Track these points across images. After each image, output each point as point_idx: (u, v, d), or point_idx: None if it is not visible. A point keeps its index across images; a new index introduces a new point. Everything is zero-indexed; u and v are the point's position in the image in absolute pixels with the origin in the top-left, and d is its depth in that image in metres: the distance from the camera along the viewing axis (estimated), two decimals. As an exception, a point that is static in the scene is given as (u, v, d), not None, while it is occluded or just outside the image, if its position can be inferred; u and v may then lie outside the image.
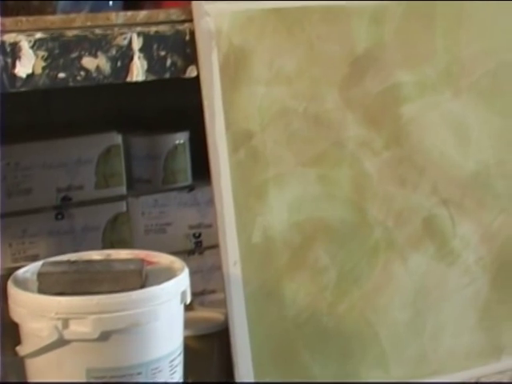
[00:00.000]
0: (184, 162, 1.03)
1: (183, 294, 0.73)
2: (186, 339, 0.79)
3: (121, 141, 0.99)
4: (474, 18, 0.88)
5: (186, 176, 1.03)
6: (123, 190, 0.99)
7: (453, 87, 0.88)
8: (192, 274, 0.77)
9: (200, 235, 1.02)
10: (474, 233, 0.89)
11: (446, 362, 0.88)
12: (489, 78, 0.89)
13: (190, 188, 1.02)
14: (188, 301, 0.74)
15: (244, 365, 0.81)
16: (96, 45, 0.74)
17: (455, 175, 0.88)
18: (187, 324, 0.79)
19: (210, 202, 0.81)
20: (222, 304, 0.82)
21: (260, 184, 0.81)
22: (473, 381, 0.89)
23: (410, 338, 0.87)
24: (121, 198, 0.99)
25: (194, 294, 0.94)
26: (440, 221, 0.88)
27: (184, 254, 0.99)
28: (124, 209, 0.99)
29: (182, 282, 0.73)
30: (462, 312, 0.89)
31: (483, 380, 0.89)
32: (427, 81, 0.86)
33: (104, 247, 0.96)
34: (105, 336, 0.69)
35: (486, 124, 0.89)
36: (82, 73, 0.74)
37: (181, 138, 1.03)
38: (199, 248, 1.02)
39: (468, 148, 0.89)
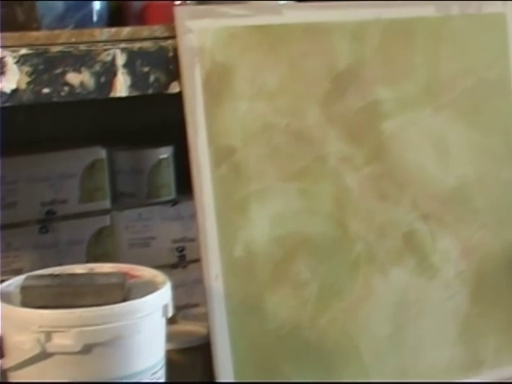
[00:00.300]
0: (168, 176, 1.04)
1: (165, 307, 0.73)
2: (169, 352, 0.79)
3: (105, 155, 0.99)
4: (453, 35, 0.89)
5: (169, 190, 1.04)
6: (107, 204, 1.00)
7: (433, 104, 0.89)
8: (175, 287, 0.78)
9: (183, 249, 1.02)
10: (453, 247, 0.90)
11: (426, 376, 0.89)
12: (468, 95, 0.90)
13: (174, 202, 1.02)
14: (170, 314, 0.74)
15: (226, 378, 0.81)
16: (80, 61, 0.74)
17: (435, 190, 0.89)
18: (170, 337, 0.79)
19: (194, 216, 0.82)
20: (205, 317, 0.82)
21: (242, 198, 0.81)
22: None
23: (390, 351, 0.88)
24: (105, 211, 1.00)
25: (178, 308, 0.94)
26: (420, 235, 0.89)
27: (168, 267, 1.00)
28: (108, 223, 1.00)
29: (164, 296, 0.73)
30: (442, 326, 0.90)
31: (463, 393, 0.90)
32: (407, 97, 0.87)
33: (88, 261, 0.97)
34: (87, 349, 0.69)
35: (466, 140, 0.91)
36: (66, 88, 0.74)
37: (165, 153, 1.04)
38: (183, 262, 1.02)
39: (448, 164, 0.90)
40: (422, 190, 0.89)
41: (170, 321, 0.79)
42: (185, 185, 0.87)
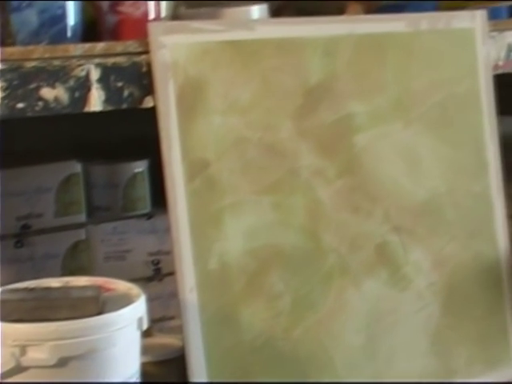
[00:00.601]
0: (143, 190, 1.04)
1: (140, 320, 0.74)
2: (145, 365, 0.80)
3: (80, 169, 1.00)
4: (423, 50, 0.90)
5: (145, 204, 1.04)
6: (83, 217, 1.00)
7: (404, 117, 0.90)
8: (151, 300, 0.78)
9: (159, 262, 1.03)
10: (425, 259, 0.91)
11: (399, 387, 0.90)
12: (438, 109, 0.91)
13: (149, 216, 1.03)
14: (145, 327, 0.75)
15: (201, 390, 0.82)
16: (54, 76, 0.75)
17: (407, 203, 0.90)
18: (146, 350, 0.80)
19: (169, 229, 0.82)
20: (181, 330, 0.83)
21: (216, 212, 0.82)
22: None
23: (363, 361, 0.88)
24: (80, 225, 1.00)
25: (154, 321, 0.95)
26: (392, 247, 0.90)
27: (143, 280, 1.00)
28: (83, 236, 1.00)
29: (138, 309, 0.74)
30: (415, 336, 0.91)
31: (435, 404, 0.91)
32: (379, 111, 0.89)
33: (64, 275, 0.97)
34: (62, 362, 0.70)
35: (436, 153, 0.92)
36: (41, 103, 0.75)
37: (140, 167, 1.04)
38: (158, 275, 1.03)
39: (419, 176, 0.91)
40: (393, 202, 0.90)
41: (146, 333, 0.79)
42: (160, 198, 0.88)
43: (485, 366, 0.94)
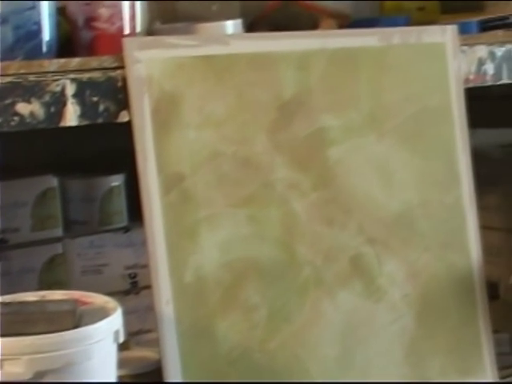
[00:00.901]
0: (119, 203, 1.05)
1: (116, 333, 0.74)
2: (122, 378, 0.80)
3: (57, 183, 1.00)
4: (395, 64, 0.92)
5: (121, 217, 1.05)
6: (59, 231, 1.01)
7: (377, 131, 0.91)
8: (128, 313, 0.79)
9: (136, 275, 1.03)
10: (399, 270, 0.92)
11: (374, 396, 0.91)
12: (411, 122, 0.93)
13: (126, 229, 1.03)
14: (121, 340, 0.75)
15: (178, 402, 0.82)
16: (30, 91, 0.75)
17: (380, 215, 0.91)
18: (123, 363, 0.80)
19: (146, 242, 0.83)
20: (158, 343, 0.83)
21: (191, 224, 0.83)
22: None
23: (339, 372, 0.89)
24: (57, 239, 1.00)
25: (131, 334, 0.95)
26: (367, 259, 0.91)
27: (120, 294, 1.00)
28: (60, 250, 1.00)
29: (115, 322, 0.74)
30: (389, 347, 0.92)
31: (410, 413, 0.92)
32: (352, 124, 0.90)
33: (40, 289, 0.97)
34: (39, 376, 0.70)
35: (409, 166, 0.93)
36: (16, 118, 0.75)
37: (116, 181, 1.05)
38: (135, 288, 1.03)
39: (392, 189, 0.92)
40: (367, 214, 0.91)
41: (123, 347, 0.80)
42: (136, 212, 0.89)
43: (459, 375, 0.94)
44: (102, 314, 0.75)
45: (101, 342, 0.72)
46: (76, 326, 0.72)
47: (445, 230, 0.95)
